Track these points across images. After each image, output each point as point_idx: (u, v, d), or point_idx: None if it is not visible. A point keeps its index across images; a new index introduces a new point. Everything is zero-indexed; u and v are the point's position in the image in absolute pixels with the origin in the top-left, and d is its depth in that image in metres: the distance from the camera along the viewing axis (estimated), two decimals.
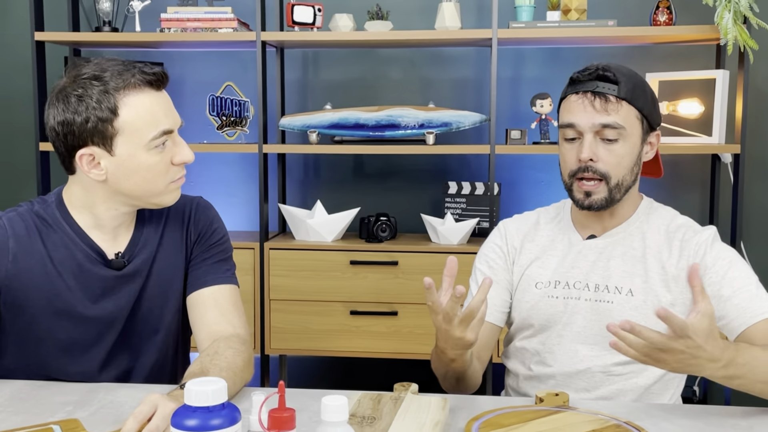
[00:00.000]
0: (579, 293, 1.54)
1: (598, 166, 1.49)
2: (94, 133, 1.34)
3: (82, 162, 1.37)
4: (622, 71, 1.50)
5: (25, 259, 1.41)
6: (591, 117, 1.48)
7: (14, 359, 1.48)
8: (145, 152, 1.37)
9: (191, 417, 0.89)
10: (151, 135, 1.36)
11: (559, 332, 1.55)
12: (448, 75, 3.11)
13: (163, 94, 1.41)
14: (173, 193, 1.45)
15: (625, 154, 1.49)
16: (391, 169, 3.16)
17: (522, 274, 1.60)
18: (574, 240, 1.59)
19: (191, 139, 3.14)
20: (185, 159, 1.43)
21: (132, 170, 1.38)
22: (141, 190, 1.40)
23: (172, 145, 1.42)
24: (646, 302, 1.49)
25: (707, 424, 1.25)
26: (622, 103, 1.47)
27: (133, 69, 1.37)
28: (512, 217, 1.70)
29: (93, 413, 1.27)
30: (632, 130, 1.49)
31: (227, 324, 1.48)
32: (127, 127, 1.35)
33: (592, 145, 1.49)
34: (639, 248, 1.54)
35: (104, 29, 2.92)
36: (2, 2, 3.21)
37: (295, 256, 2.80)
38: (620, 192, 1.51)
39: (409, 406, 1.24)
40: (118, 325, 1.48)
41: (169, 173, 1.42)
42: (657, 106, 1.55)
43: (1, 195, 3.28)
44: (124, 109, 1.34)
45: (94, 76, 1.35)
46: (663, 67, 2.96)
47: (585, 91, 1.49)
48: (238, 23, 2.85)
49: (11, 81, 3.23)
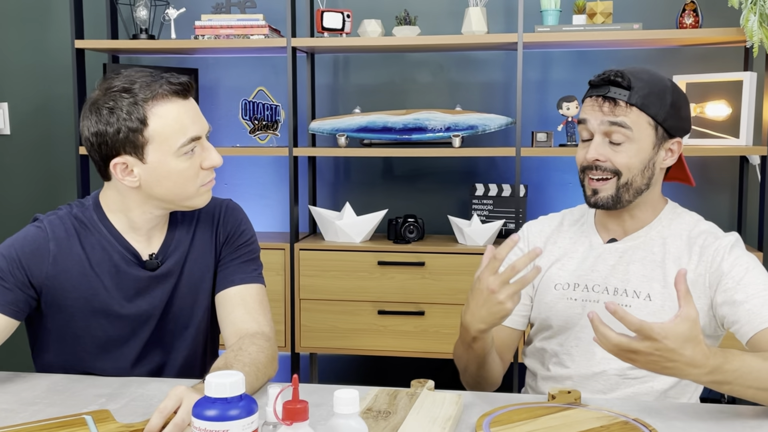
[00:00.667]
0: (597, 296, 1.56)
1: (607, 165, 1.51)
2: (125, 142, 1.41)
3: (116, 170, 1.44)
4: (640, 77, 1.50)
5: (65, 260, 1.49)
6: (599, 117, 1.50)
7: (55, 355, 1.56)
8: (175, 159, 1.43)
9: (210, 407, 0.95)
10: (180, 142, 1.43)
11: (576, 334, 1.57)
12: (476, 78, 3.15)
13: (190, 102, 1.47)
14: (204, 195, 1.51)
15: (633, 156, 1.50)
16: (419, 172, 3.21)
17: (543, 276, 1.63)
18: (595, 243, 1.61)
19: (225, 142, 3.23)
20: (214, 163, 1.48)
21: (163, 176, 1.44)
22: (173, 194, 1.47)
23: (201, 150, 1.47)
24: (663, 307, 1.51)
25: (717, 423, 1.27)
26: (632, 108, 1.48)
27: (161, 80, 1.43)
28: (537, 219, 1.73)
29: (124, 405, 1.34)
30: (641, 135, 1.50)
31: (253, 322, 1.54)
32: (157, 136, 1.41)
33: (600, 145, 1.51)
34: (659, 253, 1.55)
35: (141, 37, 3.02)
36: (44, 12, 3.33)
37: (325, 257, 2.87)
38: (629, 192, 1.52)
39: (424, 402, 1.29)
40: (151, 322, 1.55)
41: (199, 177, 1.48)
42: (681, 113, 1.53)
43: (43, 197, 3.40)
44: (152, 119, 1.41)
45: (124, 88, 1.41)
46: (690, 69, 2.96)
47: (598, 95, 1.51)
48: (270, 30, 2.93)
49: (52, 87, 3.35)
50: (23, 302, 1.45)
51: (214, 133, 3.25)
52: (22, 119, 3.39)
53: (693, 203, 2.93)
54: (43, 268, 1.47)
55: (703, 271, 1.51)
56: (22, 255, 1.45)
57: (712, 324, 1.52)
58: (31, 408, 1.33)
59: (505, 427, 1.20)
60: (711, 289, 1.50)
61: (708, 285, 1.50)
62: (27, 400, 1.37)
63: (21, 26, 3.34)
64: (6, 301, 1.42)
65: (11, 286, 1.43)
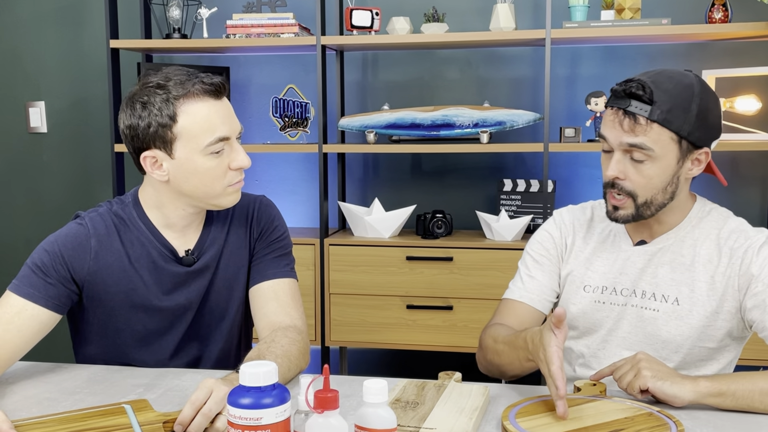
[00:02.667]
0: (626, 300, 1.55)
1: (625, 184, 1.47)
2: (155, 137, 1.46)
3: (146, 163, 1.49)
4: (664, 88, 1.42)
5: (105, 256, 1.53)
6: (619, 135, 1.44)
7: (96, 347, 1.61)
8: (202, 157, 1.46)
9: (245, 396, 0.98)
10: (207, 141, 1.45)
11: (604, 337, 1.58)
12: (504, 74, 3.16)
13: (223, 103, 1.49)
14: (231, 195, 1.54)
15: (654, 176, 1.45)
16: (447, 168, 3.24)
17: (570, 273, 1.62)
18: (624, 245, 1.58)
19: (255, 139, 3.28)
20: (242, 164, 1.50)
21: (190, 173, 1.48)
22: (200, 191, 1.50)
23: (230, 150, 1.50)
24: (691, 312, 1.49)
25: (742, 415, 1.28)
26: (652, 125, 1.41)
27: (195, 78, 1.46)
28: (567, 208, 1.70)
29: (161, 395, 1.39)
30: (663, 152, 1.43)
31: (285, 315, 1.58)
32: (185, 133, 1.45)
33: (620, 162, 1.46)
34: (688, 256, 1.52)
35: (174, 36, 3.07)
36: (79, 13, 3.40)
37: (354, 252, 2.91)
38: (650, 209, 1.49)
39: (451, 393, 1.32)
40: (188, 316, 1.59)
41: (226, 177, 1.50)
42: (709, 121, 1.45)
43: (79, 194, 3.48)
44: (182, 117, 1.44)
45: (159, 84, 1.46)
46: (719, 64, 2.95)
47: (619, 107, 1.44)
48: (300, 28, 2.97)
49: (88, 86, 3.42)
50: (65, 297, 1.51)
51: (245, 130, 3.30)
52: (59, 118, 3.47)
53: (722, 198, 2.92)
54: (84, 263, 1.52)
55: (732, 273, 1.48)
56: (65, 251, 1.51)
57: (740, 326, 1.51)
58: (73, 397, 1.39)
59: (531, 417, 1.23)
60: (740, 293, 1.48)
61: (737, 288, 1.48)
62: (68, 390, 1.43)
63: (57, 27, 3.42)
64: (49, 296, 1.48)
65: (54, 281, 1.49)
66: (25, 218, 3.55)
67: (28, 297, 1.46)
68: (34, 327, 1.46)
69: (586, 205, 1.69)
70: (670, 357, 1.52)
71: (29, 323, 1.45)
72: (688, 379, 1.30)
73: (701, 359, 1.53)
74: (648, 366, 1.31)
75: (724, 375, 1.34)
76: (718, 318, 1.49)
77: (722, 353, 1.53)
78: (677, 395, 1.28)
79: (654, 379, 1.29)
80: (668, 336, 1.51)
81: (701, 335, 1.50)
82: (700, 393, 1.28)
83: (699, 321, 1.49)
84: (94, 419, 1.22)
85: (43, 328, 1.48)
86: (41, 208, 3.53)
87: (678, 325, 1.50)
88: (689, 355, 1.51)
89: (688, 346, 1.50)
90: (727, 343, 1.53)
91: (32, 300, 1.46)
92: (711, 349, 1.52)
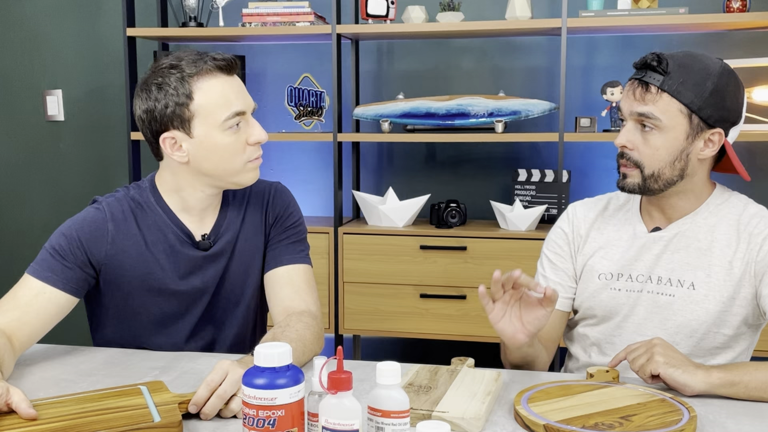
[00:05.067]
0: (641, 286, 1.55)
1: (633, 154, 1.49)
2: (173, 117, 1.47)
3: (165, 145, 1.50)
4: (682, 62, 1.44)
5: (122, 240, 1.55)
6: (630, 104, 1.48)
7: (112, 331, 1.63)
8: (220, 132, 1.48)
9: (260, 376, 0.99)
10: (224, 116, 1.47)
11: (619, 324, 1.58)
12: (519, 64, 3.15)
13: (235, 79, 1.51)
14: (251, 172, 1.55)
15: (661, 147, 1.46)
16: (462, 157, 3.23)
17: (585, 263, 1.63)
18: (639, 232, 1.58)
19: (271, 128, 3.29)
20: (259, 138, 1.51)
21: (210, 150, 1.49)
22: (220, 169, 1.51)
23: (246, 126, 1.51)
24: (707, 297, 1.49)
25: (753, 401, 1.29)
26: (662, 95, 1.44)
27: (206, 56, 1.48)
28: (583, 201, 1.71)
29: (176, 378, 1.41)
30: (671, 124, 1.45)
31: (300, 301, 1.59)
32: (202, 110, 1.46)
33: (630, 132, 1.49)
34: (705, 240, 1.52)
35: (190, 24, 3.09)
36: (96, 2, 3.42)
37: (368, 241, 2.91)
38: (657, 183, 1.49)
39: (464, 378, 1.33)
40: (204, 299, 1.61)
41: (246, 153, 1.51)
42: (726, 102, 1.45)
43: (96, 182, 3.51)
44: (198, 94, 1.46)
45: (171, 65, 1.47)
46: (737, 54, 2.93)
47: (635, 78, 1.48)
48: (315, 17, 2.97)
49: (105, 75, 3.45)
50: (83, 280, 1.52)
51: (260, 118, 3.30)
52: (76, 106, 3.49)
53: (741, 189, 2.90)
54: (102, 247, 1.54)
55: (750, 259, 1.48)
56: (82, 235, 1.52)
57: (756, 313, 1.51)
58: (89, 379, 1.40)
59: (543, 402, 1.24)
60: (756, 279, 1.48)
61: (753, 274, 1.48)
62: (85, 372, 1.45)
63: (74, 15, 3.44)
64: (66, 279, 1.49)
65: (72, 265, 1.50)
66: (43, 206, 3.58)
67: (46, 280, 1.48)
68: (52, 310, 1.48)
69: (602, 197, 1.70)
70: (685, 342, 1.52)
71: (47, 306, 1.47)
72: (701, 369, 1.30)
73: (716, 347, 1.52)
74: (662, 351, 1.31)
75: (737, 365, 1.33)
76: (734, 304, 1.49)
77: (738, 341, 1.53)
78: (688, 384, 1.28)
79: (666, 365, 1.29)
80: (683, 320, 1.51)
81: (717, 320, 1.50)
82: (711, 384, 1.28)
83: (715, 306, 1.49)
84: (111, 399, 1.24)
85: (61, 311, 1.50)
86: (58, 195, 3.56)
87: (693, 309, 1.50)
88: (704, 340, 1.51)
89: (703, 331, 1.50)
90: (743, 331, 1.52)
91: (50, 283, 1.48)
92: (727, 336, 1.51)
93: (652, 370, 1.30)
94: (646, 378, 1.32)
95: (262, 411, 0.99)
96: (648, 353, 1.33)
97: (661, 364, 1.29)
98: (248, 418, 1.00)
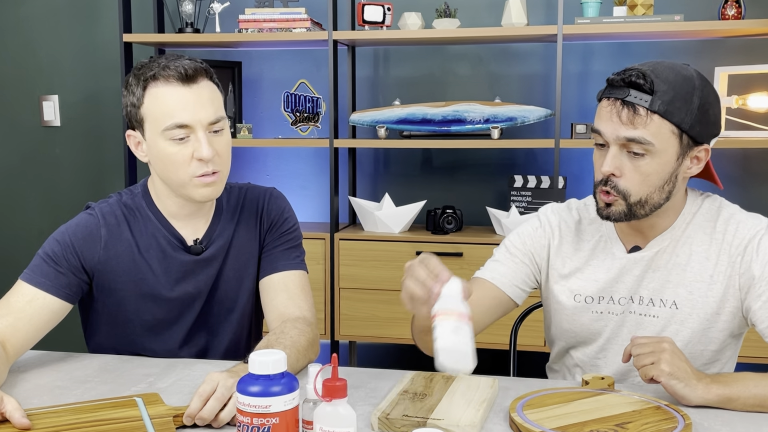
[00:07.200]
0: (624, 308, 1.50)
1: (619, 182, 1.39)
2: (131, 117, 1.52)
3: (130, 141, 1.54)
4: (664, 77, 1.34)
5: (115, 246, 1.55)
6: (616, 129, 1.35)
7: (105, 337, 1.62)
8: (163, 141, 1.48)
9: (254, 384, 0.99)
10: (165, 125, 1.47)
11: (602, 346, 1.54)
12: (515, 70, 3.16)
13: (191, 90, 1.47)
14: (200, 189, 1.50)
15: (652, 173, 1.37)
16: (458, 163, 3.24)
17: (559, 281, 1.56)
18: (618, 253, 1.51)
19: (267, 134, 3.29)
20: (200, 155, 1.46)
21: (156, 156, 1.51)
22: (168, 178, 1.52)
23: (195, 140, 1.48)
24: (691, 315, 1.46)
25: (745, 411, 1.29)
26: (653, 117, 1.33)
27: (174, 62, 1.48)
28: (552, 207, 1.61)
29: (171, 384, 1.40)
30: (664, 147, 1.35)
31: (295, 307, 1.59)
32: (149, 114, 1.48)
33: (616, 158, 1.37)
34: (683, 255, 1.47)
35: (187, 30, 3.09)
36: (93, 7, 3.42)
37: (364, 247, 2.91)
38: (644, 209, 1.41)
39: (459, 385, 1.32)
40: (197, 305, 1.60)
41: (190, 167, 1.48)
42: (710, 116, 1.37)
43: (91, 187, 3.50)
44: (147, 98, 1.48)
45: (142, 65, 1.51)
46: (732, 61, 2.94)
47: (616, 98, 1.35)
48: (312, 23, 2.97)
49: (101, 80, 3.44)
50: (76, 286, 1.52)
51: (256, 124, 3.31)
52: (72, 111, 3.49)
53: (734, 196, 2.91)
54: (95, 253, 1.53)
55: (734, 272, 1.44)
56: (75, 241, 1.52)
57: (741, 324, 1.49)
58: (83, 386, 1.40)
59: (539, 410, 1.23)
60: (742, 292, 1.44)
61: (738, 287, 1.44)
62: (79, 379, 1.44)
63: (71, 21, 3.44)
64: (60, 285, 1.49)
65: (65, 271, 1.50)
66: (38, 211, 3.57)
67: (39, 286, 1.47)
68: (45, 316, 1.47)
69: (571, 204, 1.61)
70: None
71: (40, 312, 1.46)
72: (701, 383, 1.28)
73: (704, 363, 1.50)
74: (669, 360, 1.27)
75: (736, 378, 1.30)
76: (719, 320, 1.46)
77: (723, 353, 1.51)
78: (686, 397, 1.27)
79: (669, 376, 1.27)
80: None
81: (702, 338, 1.47)
82: (708, 400, 1.27)
83: (699, 324, 1.46)
84: (106, 410, 1.24)
85: (54, 317, 1.49)
86: (54, 200, 3.55)
87: (678, 330, 1.47)
88: (690, 359, 1.44)
89: (689, 351, 1.47)
90: (728, 343, 1.50)
91: (43, 289, 1.47)
92: (713, 352, 1.49)
93: (655, 377, 1.28)
94: (645, 380, 1.30)
95: (257, 419, 0.99)
96: (654, 356, 1.28)
97: (665, 374, 1.27)
98: (242, 425, 1.00)
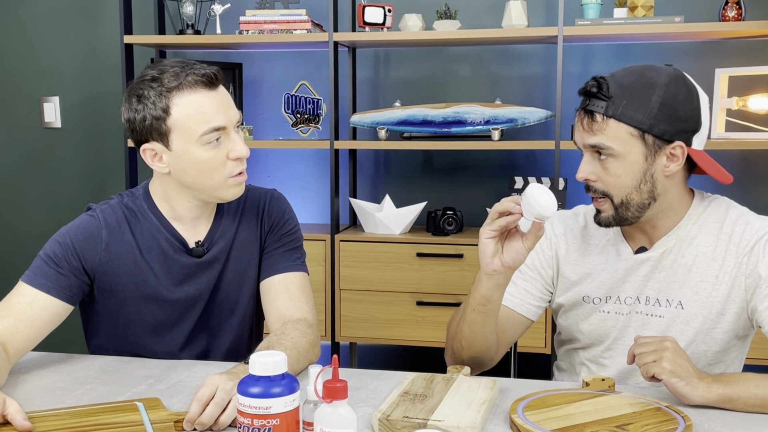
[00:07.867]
0: (630, 308, 1.52)
1: (597, 185, 1.45)
2: (151, 130, 1.47)
3: (146, 155, 1.50)
4: (621, 82, 1.39)
5: (116, 247, 1.55)
6: (582, 137, 1.44)
7: (106, 338, 1.63)
8: (198, 147, 1.47)
9: (255, 385, 0.99)
10: (201, 131, 1.46)
11: (609, 346, 1.55)
12: (516, 72, 3.16)
13: (217, 93, 1.48)
14: (233, 188, 1.53)
15: (622, 174, 1.42)
16: (459, 165, 3.24)
17: (568, 286, 1.58)
18: (624, 254, 1.53)
19: (267, 135, 3.29)
20: (239, 154, 1.49)
21: (188, 164, 1.48)
22: (200, 183, 1.50)
23: (227, 140, 1.49)
24: (697, 316, 1.47)
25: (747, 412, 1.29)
26: (608, 121, 1.39)
27: (189, 69, 1.46)
28: (559, 216, 1.63)
29: (171, 386, 1.41)
30: (626, 149, 1.40)
31: (296, 309, 1.59)
32: (179, 124, 1.46)
33: (588, 164, 1.45)
34: (689, 255, 1.48)
35: (187, 32, 3.09)
36: (93, 9, 3.42)
37: (365, 248, 2.91)
38: (629, 210, 1.44)
39: (460, 386, 1.32)
40: (198, 307, 1.60)
41: (226, 168, 1.49)
42: (678, 113, 1.39)
43: (92, 189, 3.50)
44: (175, 109, 1.45)
45: (153, 77, 1.47)
46: (733, 63, 2.94)
47: (581, 107, 1.43)
48: (312, 25, 2.98)
49: (102, 82, 3.45)
50: (77, 288, 1.52)
51: (257, 126, 3.31)
52: (73, 113, 3.49)
53: (735, 197, 2.88)
54: (96, 254, 1.53)
55: (739, 273, 1.45)
56: (77, 242, 1.52)
57: (746, 326, 1.49)
58: (84, 387, 1.40)
59: (539, 411, 1.23)
60: (747, 293, 1.45)
61: (744, 288, 1.45)
62: (80, 380, 1.44)
63: (71, 22, 3.44)
64: (61, 287, 1.49)
65: (66, 272, 1.50)
66: (39, 212, 3.57)
67: (40, 287, 1.47)
68: (46, 317, 1.47)
69: (578, 210, 1.64)
70: None
71: (41, 313, 1.47)
72: (703, 382, 1.28)
73: (708, 364, 1.50)
74: (671, 358, 1.28)
75: (738, 378, 1.31)
76: (723, 320, 1.47)
77: (728, 354, 1.51)
78: (686, 396, 1.27)
79: (671, 374, 1.27)
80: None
81: (706, 338, 1.48)
82: (709, 399, 1.27)
83: (703, 324, 1.47)
84: (107, 414, 1.23)
85: (55, 319, 1.49)
86: (55, 202, 3.55)
87: (683, 330, 1.48)
88: (693, 358, 1.46)
89: (692, 350, 1.48)
90: (732, 344, 1.51)
91: (44, 290, 1.47)
92: (716, 353, 1.50)
93: (657, 375, 1.28)
94: (646, 377, 1.30)
95: (257, 420, 0.99)
96: (657, 354, 1.29)
97: (666, 372, 1.27)
98: (243, 427, 1.00)
